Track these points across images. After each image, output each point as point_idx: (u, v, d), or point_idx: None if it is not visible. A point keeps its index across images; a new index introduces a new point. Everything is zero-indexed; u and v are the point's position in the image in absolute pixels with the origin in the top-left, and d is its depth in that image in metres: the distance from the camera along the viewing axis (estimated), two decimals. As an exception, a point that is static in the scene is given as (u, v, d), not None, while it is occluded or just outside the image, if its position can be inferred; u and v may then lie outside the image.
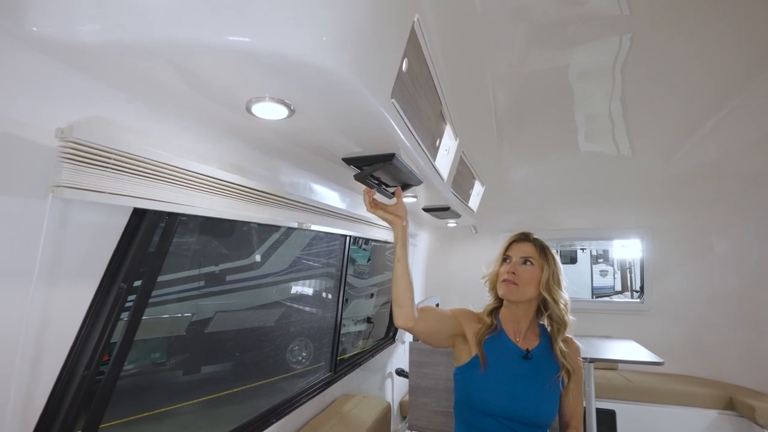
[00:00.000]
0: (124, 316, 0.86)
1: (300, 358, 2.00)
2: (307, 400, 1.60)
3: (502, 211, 3.85)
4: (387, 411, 1.77)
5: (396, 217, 1.21)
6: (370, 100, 0.86)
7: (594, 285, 9.37)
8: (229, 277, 1.73)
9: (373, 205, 1.21)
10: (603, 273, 9.76)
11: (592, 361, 2.76)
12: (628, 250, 5.27)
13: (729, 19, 1.29)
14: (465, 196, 2.49)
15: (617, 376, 3.29)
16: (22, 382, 0.67)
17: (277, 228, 1.96)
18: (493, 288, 1.38)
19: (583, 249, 8.32)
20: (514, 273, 1.30)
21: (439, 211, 2.41)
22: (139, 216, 0.81)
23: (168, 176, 0.80)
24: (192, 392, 1.51)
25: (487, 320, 1.35)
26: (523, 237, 1.39)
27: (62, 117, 0.63)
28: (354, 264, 3.26)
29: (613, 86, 1.80)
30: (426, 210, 2.42)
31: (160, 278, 1.47)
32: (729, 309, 3.08)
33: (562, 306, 1.31)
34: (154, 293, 0.97)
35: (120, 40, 0.61)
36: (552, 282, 1.31)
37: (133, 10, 0.58)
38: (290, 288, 1.99)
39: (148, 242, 0.84)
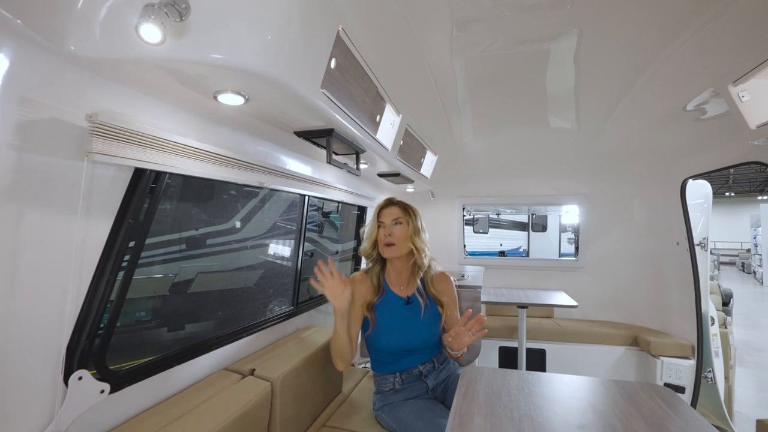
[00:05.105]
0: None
1: (272, 305, 2.35)
2: (273, 325, 2.02)
3: (459, 178, 4.24)
4: (339, 336, 2.20)
5: (338, 295, 1.51)
6: (302, 92, 1.21)
7: (561, 251, 10.16)
8: (209, 241, 1.89)
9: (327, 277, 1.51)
10: (570, 241, 10.53)
11: (523, 306, 3.26)
12: (570, 215, 5.80)
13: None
14: (416, 164, 2.85)
15: (551, 322, 3.82)
16: (73, 294, 1.03)
17: (255, 194, 2.18)
18: (371, 254, 1.76)
19: (531, 214, 9.08)
20: (390, 235, 1.68)
21: (392, 176, 2.78)
22: (138, 174, 1.16)
23: (157, 145, 1.14)
24: (175, 346, 1.59)
25: (375, 283, 1.72)
26: (390, 203, 1.76)
27: (86, 107, 0.96)
28: (334, 228, 3.60)
29: (551, 62, 1.93)
30: (381, 175, 2.78)
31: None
32: (642, 266, 3.62)
33: (423, 253, 1.72)
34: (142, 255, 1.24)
35: (130, 56, 0.93)
36: (415, 233, 1.70)
37: (137, 42, 0.90)
38: (263, 247, 2.30)
39: (145, 193, 1.19)
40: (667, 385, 2.92)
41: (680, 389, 2.90)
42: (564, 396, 1.26)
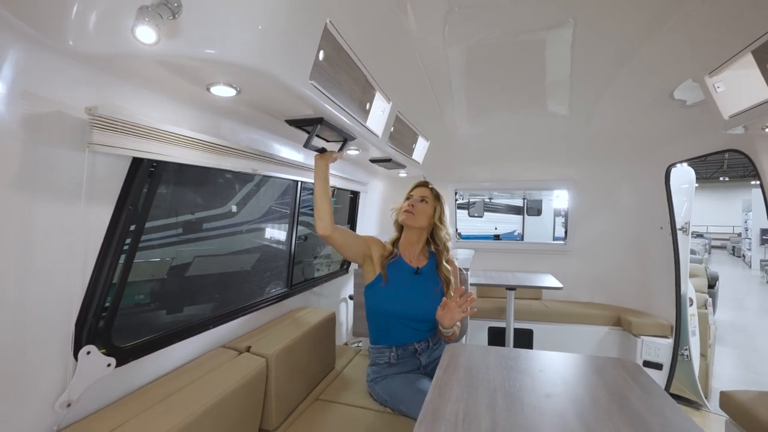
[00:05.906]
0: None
1: (267, 287, 2.42)
2: (267, 306, 2.11)
3: (451, 164, 4.29)
4: (332, 317, 2.30)
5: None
6: (291, 84, 1.26)
7: (555, 234, 10.33)
8: (205, 225, 1.93)
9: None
10: (564, 225, 10.69)
11: (511, 288, 3.37)
12: (561, 200, 5.90)
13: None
14: (407, 150, 2.91)
15: (539, 304, 3.94)
16: (79, 276, 1.11)
17: (250, 179, 2.23)
18: (397, 222, 1.92)
19: (524, 198, 9.26)
20: (412, 206, 1.83)
21: (383, 162, 2.84)
22: (136, 163, 1.22)
23: (153, 135, 1.19)
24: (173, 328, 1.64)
25: (389, 248, 1.88)
26: (424, 184, 1.95)
27: (86, 100, 1.02)
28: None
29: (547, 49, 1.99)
30: (373, 161, 2.84)
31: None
32: (627, 249, 3.74)
33: (444, 235, 1.86)
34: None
35: (126, 53, 0.98)
36: (439, 217, 1.87)
37: (132, 40, 0.95)
38: (258, 231, 2.37)
39: (143, 181, 1.26)
40: (645, 362, 3.07)
41: (658, 366, 3.05)
42: (537, 370, 1.36)
